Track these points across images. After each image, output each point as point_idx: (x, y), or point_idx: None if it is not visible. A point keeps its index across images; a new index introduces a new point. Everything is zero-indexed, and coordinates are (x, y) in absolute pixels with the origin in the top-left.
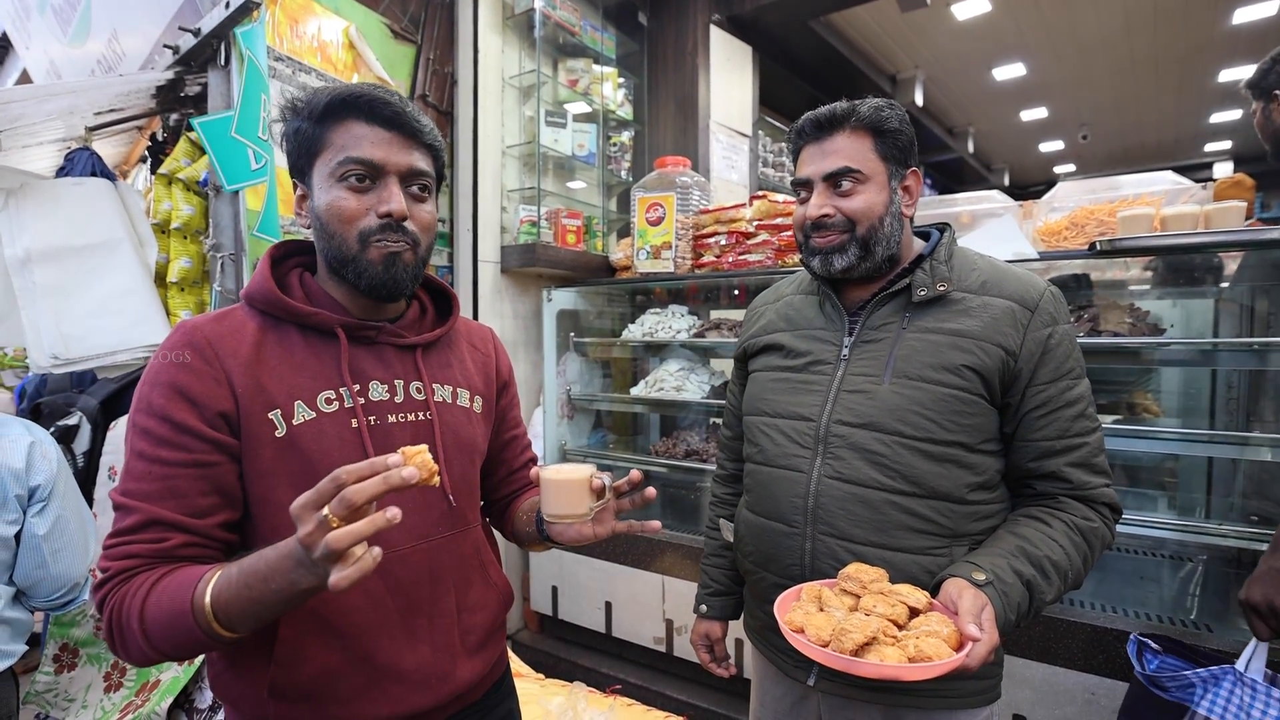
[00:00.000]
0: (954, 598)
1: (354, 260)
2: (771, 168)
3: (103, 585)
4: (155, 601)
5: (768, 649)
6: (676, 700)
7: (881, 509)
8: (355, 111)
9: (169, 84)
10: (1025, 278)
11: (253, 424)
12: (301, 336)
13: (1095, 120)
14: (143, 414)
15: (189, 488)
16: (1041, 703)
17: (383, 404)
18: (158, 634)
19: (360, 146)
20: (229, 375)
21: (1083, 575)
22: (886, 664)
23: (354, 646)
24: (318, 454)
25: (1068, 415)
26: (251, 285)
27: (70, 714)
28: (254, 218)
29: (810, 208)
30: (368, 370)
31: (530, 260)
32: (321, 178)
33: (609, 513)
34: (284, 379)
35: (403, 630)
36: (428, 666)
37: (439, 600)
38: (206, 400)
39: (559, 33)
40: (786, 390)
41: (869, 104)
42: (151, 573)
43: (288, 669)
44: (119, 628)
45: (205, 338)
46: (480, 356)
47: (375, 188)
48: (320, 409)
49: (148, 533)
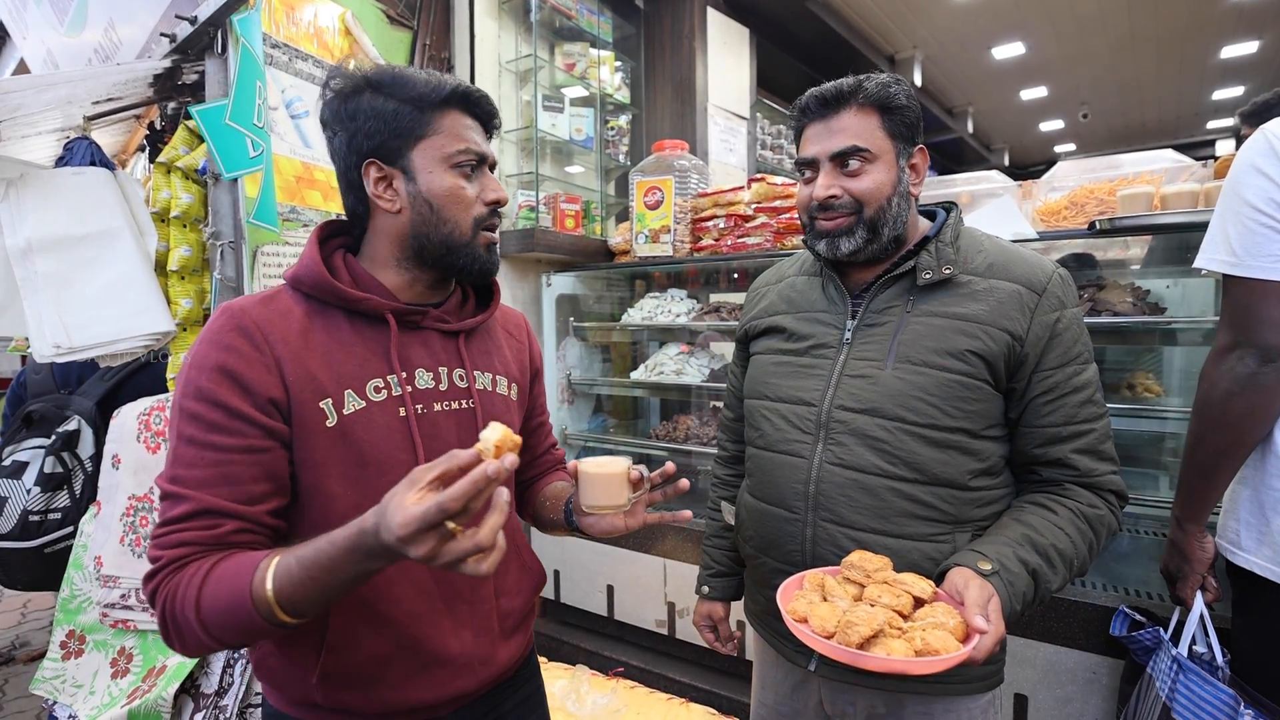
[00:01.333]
0: (960, 588)
1: (467, 246)
2: (769, 150)
3: (154, 575)
4: (212, 591)
5: (768, 633)
6: (679, 682)
7: (883, 495)
8: (465, 104)
9: (166, 72)
10: (1033, 260)
11: (304, 413)
12: (348, 322)
13: (1095, 99)
14: (191, 399)
15: (242, 474)
16: (1044, 682)
17: (428, 392)
18: (216, 623)
19: (471, 137)
20: (279, 362)
21: (1089, 563)
22: (893, 658)
23: (403, 633)
24: (367, 444)
25: (1075, 401)
26: (299, 268)
27: (78, 700)
28: (252, 205)
29: (817, 188)
30: (414, 358)
31: (529, 245)
32: (430, 161)
33: (641, 505)
34: (333, 366)
35: (448, 616)
36: (470, 650)
37: (480, 585)
38: (258, 386)
39: (555, 16)
40: (788, 374)
41: (876, 80)
42: (204, 561)
43: (339, 655)
44: (173, 619)
45: (254, 322)
46: (515, 344)
47: (476, 177)
48: (370, 397)
49: (200, 520)
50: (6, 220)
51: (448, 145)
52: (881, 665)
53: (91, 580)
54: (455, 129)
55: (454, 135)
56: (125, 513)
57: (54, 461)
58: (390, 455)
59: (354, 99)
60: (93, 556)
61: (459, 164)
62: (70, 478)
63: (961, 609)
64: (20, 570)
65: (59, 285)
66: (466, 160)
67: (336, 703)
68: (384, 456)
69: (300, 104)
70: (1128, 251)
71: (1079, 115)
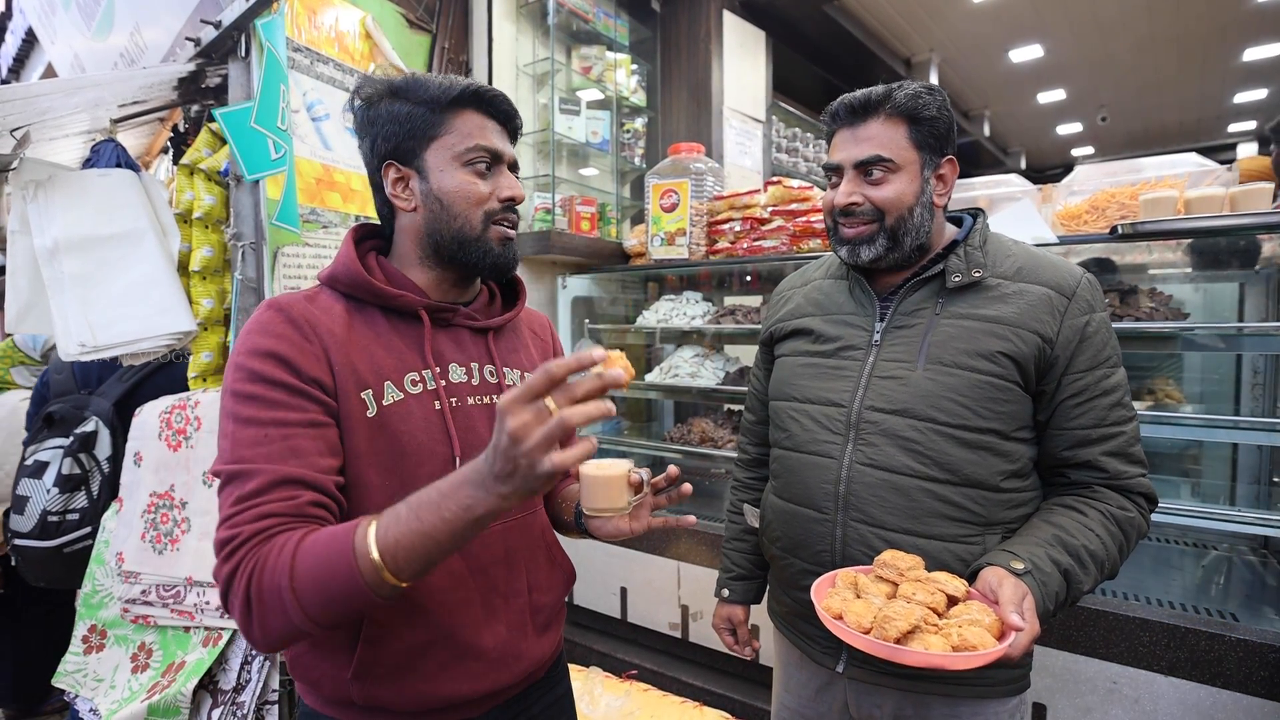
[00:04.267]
0: (994, 586)
1: (478, 240)
2: (785, 153)
3: (235, 551)
4: (307, 555)
5: (794, 634)
6: (692, 686)
7: (914, 496)
8: (481, 104)
9: (190, 76)
10: (1061, 264)
11: (348, 403)
12: (385, 318)
13: (1115, 102)
14: (246, 382)
15: (309, 447)
16: (1063, 691)
17: (461, 386)
18: (311, 592)
19: (486, 136)
20: (327, 351)
21: (1119, 566)
22: (931, 653)
23: (438, 625)
24: (405, 435)
25: (1104, 404)
26: (335, 268)
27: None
28: (273, 207)
29: (839, 195)
30: (447, 353)
31: (545, 248)
32: (443, 161)
33: (645, 508)
34: (373, 359)
35: (483, 609)
36: (504, 645)
37: (514, 580)
38: (310, 371)
39: (572, 20)
40: (816, 375)
41: (906, 90)
42: (293, 532)
43: (376, 647)
44: (259, 595)
45: (302, 315)
46: (541, 343)
47: (492, 175)
48: (407, 390)
49: (278, 491)
50: (35, 221)
51: (459, 144)
52: (920, 660)
53: (113, 576)
54: (467, 128)
55: (465, 134)
56: (146, 509)
57: (72, 463)
58: (426, 446)
59: (376, 106)
60: (114, 553)
61: (470, 161)
62: (88, 479)
63: (996, 607)
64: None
65: (85, 285)
66: (478, 158)
67: (371, 699)
68: (421, 447)
69: (321, 107)
70: (1149, 256)
71: (1098, 118)
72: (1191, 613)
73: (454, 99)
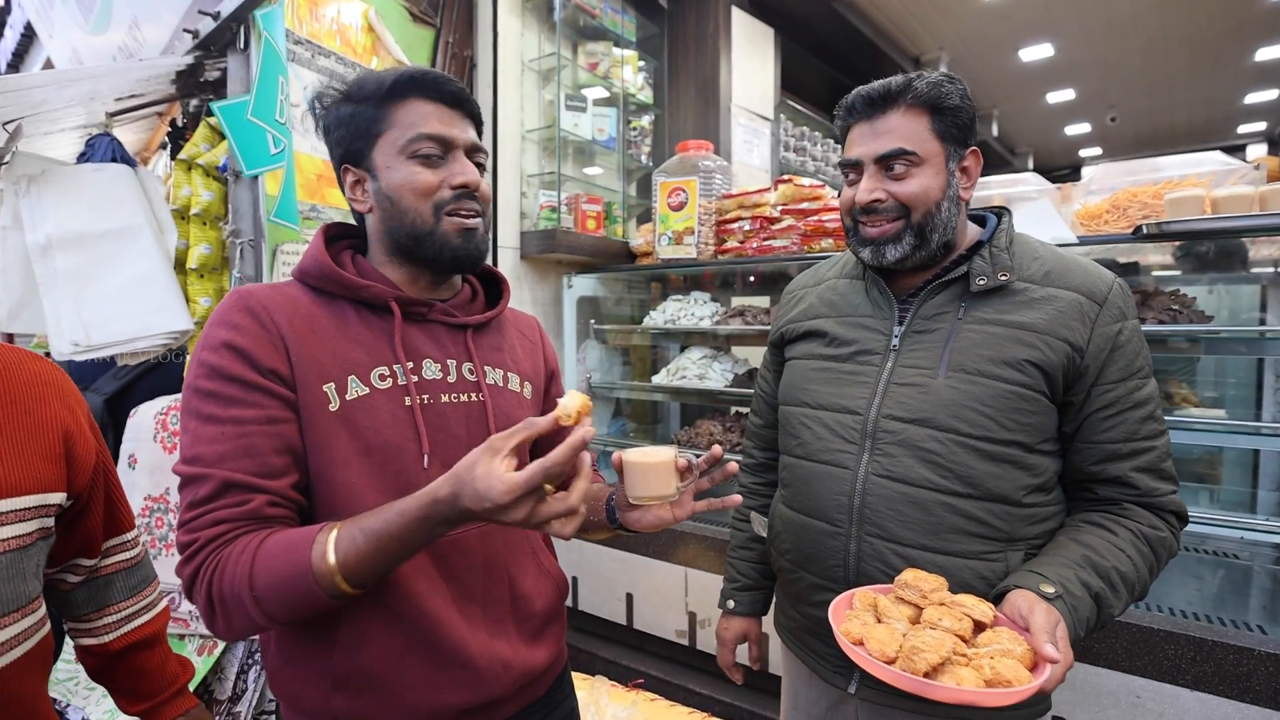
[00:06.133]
0: (1024, 612)
1: (430, 234)
2: (793, 153)
3: (193, 557)
4: (266, 565)
5: (803, 651)
6: (700, 694)
7: (934, 510)
8: (420, 90)
9: (189, 69)
10: (1092, 269)
11: (308, 394)
12: (355, 312)
13: (1124, 102)
14: (204, 379)
15: (263, 445)
16: (1083, 705)
17: (436, 383)
18: (271, 597)
19: (430, 123)
20: (284, 339)
21: (1149, 587)
22: (964, 689)
23: (416, 630)
24: (371, 431)
25: (1136, 417)
26: (304, 262)
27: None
28: (272, 203)
29: (860, 192)
30: (421, 348)
31: (550, 246)
32: (388, 157)
33: (689, 493)
34: (338, 352)
35: (460, 616)
36: (490, 653)
37: (493, 588)
38: (265, 360)
39: (579, 15)
40: (830, 380)
41: (926, 79)
42: (250, 536)
43: (352, 653)
44: (221, 597)
45: (260, 303)
46: (528, 344)
47: (445, 163)
48: (374, 385)
49: (228, 497)
50: (27, 216)
51: (401, 136)
52: (951, 696)
53: None
54: (410, 118)
55: (408, 125)
56: (141, 513)
57: None
58: (394, 443)
59: (332, 111)
60: None
61: (415, 153)
62: None
63: (1027, 635)
64: None
65: (78, 282)
66: (422, 147)
67: (354, 711)
68: (387, 444)
69: None
70: (1165, 257)
71: (1107, 119)
72: (1218, 624)
73: (390, 90)
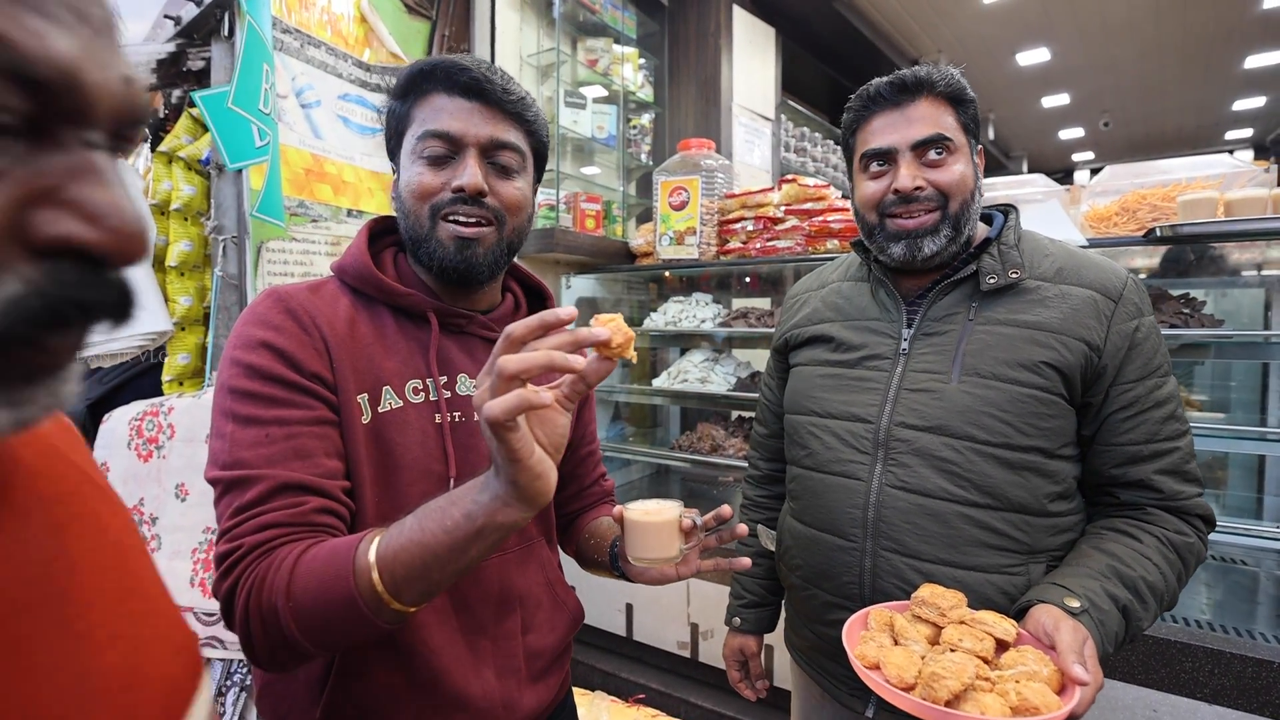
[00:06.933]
0: (1048, 629)
1: (426, 239)
2: (793, 153)
3: (235, 566)
4: (305, 570)
5: (815, 671)
6: (702, 708)
7: (952, 523)
8: (435, 81)
9: (170, 57)
10: (1105, 265)
11: (346, 404)
12: (393, 319)
13: (1117, 107)
14: (243, 379)
15: (314, 447)
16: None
17: (469, 399)
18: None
19: (439, 119)
20: (327, 346)
21: (1177, 596)
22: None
23: (419, 668)
24: (400, 447)
25: (1157, 417)
26: (345, 259)
27: None
28: (255, 197)
29: (901, 179)
30: (456, 362)
31: (548, 246)
32: (407, 156)
33: (695, 551)
34: (374, 361)
35: (467, 652)
36: (494, 694)
37: (503, 621)
38: (308, 364)
39: (579, 10)
40: (838, 387)
41: (945, 72)
42: (297, 544)
43: (348, 682)
44: (259, 610)
45: (301, 305)
46: None
47: (453, 162)
48: (407, 398)
49: (281, 499)
50: None
51: (413, 134)
52: None
53: None
54: (425, 114)
55: (421, 121)
56: None
57: None
58: (420, 462)
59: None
60: None
61: (421, 152)
62: None
63: (1053, 654)
64: None
65: None
66: (428, 146)
67: None
68: (415, 462)
69: (312, 92)
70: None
71: (1100, 124)
72: (1232, 635)
73: (408, 83)
